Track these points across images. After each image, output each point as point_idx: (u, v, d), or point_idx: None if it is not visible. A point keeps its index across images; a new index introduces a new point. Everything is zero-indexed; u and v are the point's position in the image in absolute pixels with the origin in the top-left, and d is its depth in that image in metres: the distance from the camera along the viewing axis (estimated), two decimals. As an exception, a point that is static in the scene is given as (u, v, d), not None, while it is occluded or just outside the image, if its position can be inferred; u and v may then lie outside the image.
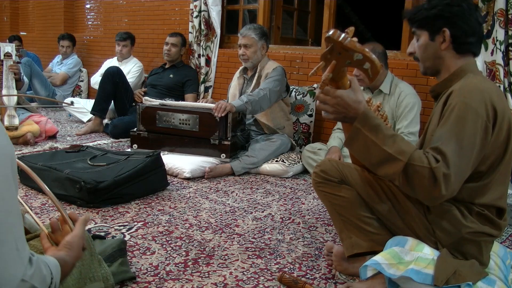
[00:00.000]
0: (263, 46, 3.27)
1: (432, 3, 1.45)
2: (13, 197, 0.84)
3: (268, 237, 2.00)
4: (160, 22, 4.91)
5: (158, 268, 1.66)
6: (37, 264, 0.86)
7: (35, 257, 0.87)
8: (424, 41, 1.48)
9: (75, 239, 1.05)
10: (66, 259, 0.99)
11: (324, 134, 3.57)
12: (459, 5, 1.41)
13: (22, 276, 0.82)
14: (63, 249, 1.02)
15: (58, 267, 0.94)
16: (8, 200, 0.82)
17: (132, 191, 2.38)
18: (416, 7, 1.51)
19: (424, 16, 1.46)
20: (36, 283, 0.84)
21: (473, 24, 1.42)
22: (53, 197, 1.12)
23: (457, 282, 1.32)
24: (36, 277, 0.85)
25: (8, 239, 0.80)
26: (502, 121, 1.34)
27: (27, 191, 2.44)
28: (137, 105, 3.23)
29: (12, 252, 0.81)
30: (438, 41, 1.45)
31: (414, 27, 1.51)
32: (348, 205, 1.55)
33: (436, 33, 1.45)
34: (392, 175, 1.29)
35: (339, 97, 1.29)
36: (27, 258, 0.84)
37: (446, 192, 1.23)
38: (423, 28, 1.48)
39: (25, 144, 3.44)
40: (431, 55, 1.48)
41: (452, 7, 1.42)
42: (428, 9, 1.45)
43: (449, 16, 1.42)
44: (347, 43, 1.17)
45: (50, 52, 6.31)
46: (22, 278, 0.81)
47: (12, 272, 0.80)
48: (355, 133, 1.32)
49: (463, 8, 1.41)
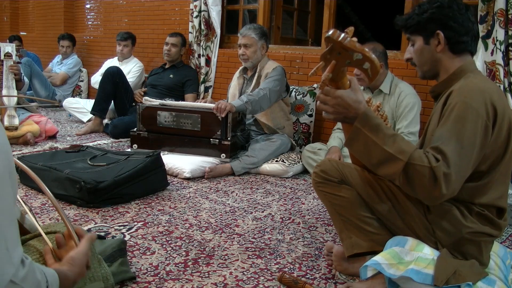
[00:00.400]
0: (263, 46, 3.28)
1: (423, 8, 1.47)
2: (5, 197, 0.81)
3: (268, 237, 2.00)
4: (160, 22, 4.91)
5: (158, 268, 1.66)
6: (31, 268, 0.83)
7: (29, 260, 0.84)
8: (420, 45, 1.49)
9: (79, 256, 1.03)
10: (68, 274, 0.97)
11: (324, 134, 3.57)
12: (449, 7, 1.43)
13: (11, 276, 0.79)
14: (65, 264, 1.00)
15: (57, 278, 0.92)
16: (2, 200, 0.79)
17: (132, 191, 2.38)
18: (407, 14, 1.52)
19: (416, 21, 1.48)
20: (28, 286, 0.82)
21: (466, 23, 1.43)
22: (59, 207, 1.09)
23: (457, 282, 1.32)
24: (29, 281, 0.82)
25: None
26: (502, 120, 1.34)
27: (27, 191, 2.44)
28: (137, 105, 3.23)
29: (1, 251, 0.78)
30: (433, 44, 1.46)
31: (408, 33, 1.52)
32: (348, 205, 1.55)
33: (430, 36, 1.46)
34: (393, 174, 1.29)
35: (339, 97, 1.29)
36: (18, 259, 0.81)
37: (446, 191, 1.23)
38: (417, 33, 1.49)
39: (25, 144, 3.44)
40: (428, 59, 1.49)
41: (443, 9, 1.43)
42: (419, 14, 1.47)
43: (441, 18, 1.43)
44: (346, 43, 1.17)
45: (50, 52, 6.31)
46: (11, 279, 0.79)
47: (1, 272, 0.77)
48: (355, 133, 1.33)
49: (454, 9, 1.43)
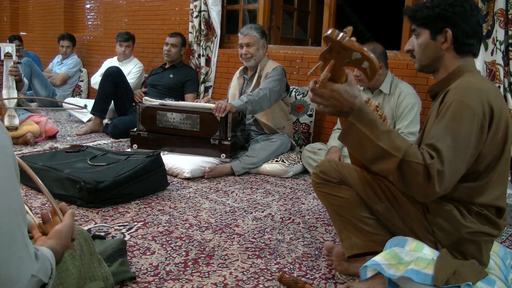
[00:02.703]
0: (264, 45, 3.29)
1: (435, 2, 1.43)
2: (19, 197, 0.86)
3: (268, 237, 2.00)
4: (160, 22, 4.91)
5: (158, 268, 1.66)
6: (42, 258, 0.88)
7: (39, 251, 0.89)
8: (425, 39, 1.47)
9: (65, 228, 1.06)
10: (57, 248, 1.01)
11: (324, 134, 3.57)
12: (462, 6, 1.40)
13: (32, 271, 0.83)
14: (52, 237, 1.03)
15: (53, 257, 0.96)
16: (16, 200, 0.84)
17: (132, 191, 2.38)
18: (418, 5, 1.49)
19: (426, 14, 1.44)
20: (42, 276, 0.86)
21: (474, 25, 1.41)
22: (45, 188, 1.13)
23: (457, 282, 1.32)
24: (42, 271, 0.87)
25: (19, 237, 0.82)
26: (499, 120, 1.33)
27: (27, 191, 2.44)
28: (137, 105, 3.23)
29: (23, 249, 0.82)
30: (439, 41, 1.44)
31: (415, 25, 1.49)
32: (347, 206, 1.55)
33: (438, 32, 1.44)
34: (387, 171, 1.28)
35: (335, 90, 1.27)
36: (33, 254, 0.86)
37: (439, 189, 1.22)
38: (425, 26, 1.46)
39: (25, 144, 3.44)
40: (431, 54, 1.47)
41: (455, 7, 1.40)
42: (430, 8, 1.43)
43: (452, 16, 1.40)
44: (345, 42, 1.16)
45: (50, 52, 6.32)
46: (32, 274, 0.83)
47: (25, 268, 0.82)
48: (349, 128, 1.31)
49: (466, 9, 1.40)
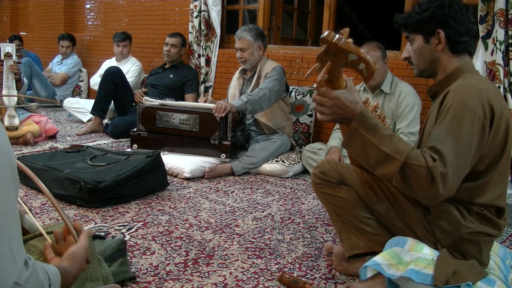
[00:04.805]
0: (259, 46, 3.24)
1: (423, 7, 1.46)
2: (10, 198, 0.82)
3: (268, 237, 2.00)
4: (160, 22, 4.91)
5: (158, 268, 1.66)
6: (34, 268, 0.85)
7: (32, 261, 0.86)
8: (419, 44, 1.49)
9: (80, 251, 1.04)
10: (69, 270, 0.98)
11: (324, 134, 3.57)
12: (450, 6, 1.42)
13: (16, 278, 0.80)
14: (66, 259, 1.01)
15: (58, 275, 0.93)
16: (5, 202, 0.80)
17: (132, 191, 2.38)
18: (407, 12, 1.52)
19: (416, 20, 1.47)
20: (30, 287, 0.83)
21: (466, 23, 1.43)
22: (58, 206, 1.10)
23: (457, 282, 1.32)
24: (32, 282, 0.83)
25: (3, 241, 0.79)
26: (500, 120, 1.34)
27: (27, 191, 2.44)
28: (137, 105, 3.23)
29: (6, 254, 0.79)
30: (433, 43, 1.46)
31: (408, 31, 1.51)
32: (347, 206, 1.55)
33: (430, 35, 1.46)
34: (390, 174, 1.29)
35: (336, 98, 1.29)
36: (22, 261, 0.82)
37: (443, 191, 1.23)
38: (417, 31, 1.48)
39: (25, 144, 3.44)
40: (427, 58, 1.49)
41: (444, 8, 1.42)
42: (419, 13, 1.46)
43: (442, 17, 1.43)
44: (341, 44, 1.17)
45: (50, 52, 6.32)
46: (16, 281, 0.80)
47: (6, 274, 0.79)
48: (352, 134, 1.32)
49: (455, 8, 1.42)
